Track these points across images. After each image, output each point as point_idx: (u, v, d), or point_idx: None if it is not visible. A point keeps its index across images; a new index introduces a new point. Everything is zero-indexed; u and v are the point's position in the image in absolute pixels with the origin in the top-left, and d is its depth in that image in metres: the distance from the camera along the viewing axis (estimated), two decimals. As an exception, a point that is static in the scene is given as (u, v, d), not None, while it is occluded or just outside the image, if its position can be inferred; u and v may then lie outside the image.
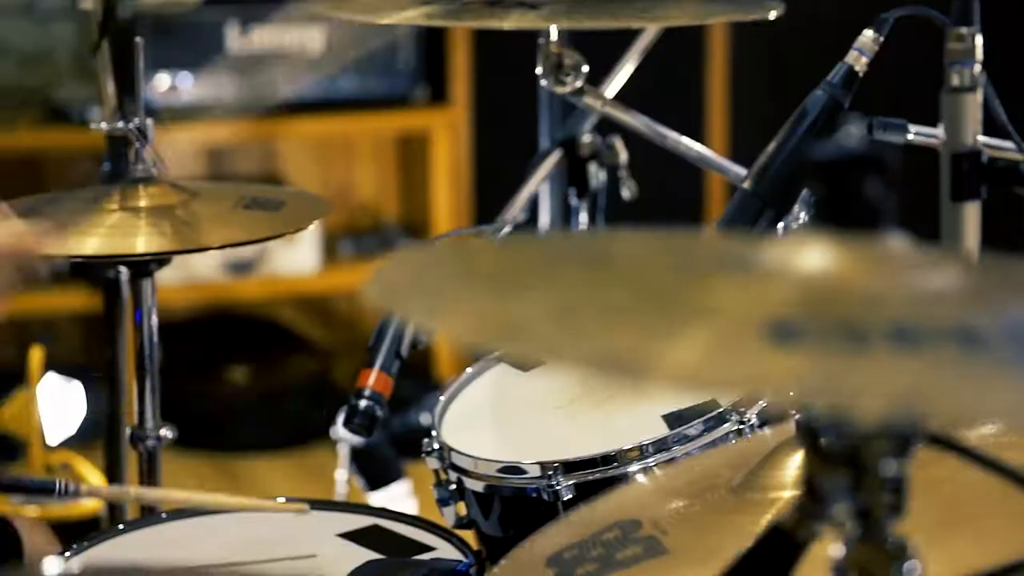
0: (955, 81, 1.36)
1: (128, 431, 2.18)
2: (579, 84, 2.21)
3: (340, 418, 2.14)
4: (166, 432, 2.18)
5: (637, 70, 2.57)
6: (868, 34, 1.97)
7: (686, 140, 2.26)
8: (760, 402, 1.85)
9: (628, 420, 1.94)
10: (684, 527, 1.36)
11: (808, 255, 1.06)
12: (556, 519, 1.77)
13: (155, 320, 2.17)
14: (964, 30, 1.36)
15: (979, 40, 1.36)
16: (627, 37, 2.64)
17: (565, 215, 2.61)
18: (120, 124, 2.17)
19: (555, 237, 1.95)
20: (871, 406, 0.91)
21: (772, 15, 2.13)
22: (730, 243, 1.21)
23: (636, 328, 0.97)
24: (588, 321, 0.97)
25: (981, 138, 1.96)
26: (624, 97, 2.43)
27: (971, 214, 1.34)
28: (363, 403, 2.07)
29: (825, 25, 4.82)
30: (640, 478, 1.80)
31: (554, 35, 2.21)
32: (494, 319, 0.96)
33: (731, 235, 1.87)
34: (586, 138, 2.48)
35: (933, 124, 1.71)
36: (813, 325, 0.96)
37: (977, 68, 1.37)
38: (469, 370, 2.12)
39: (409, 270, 1.04)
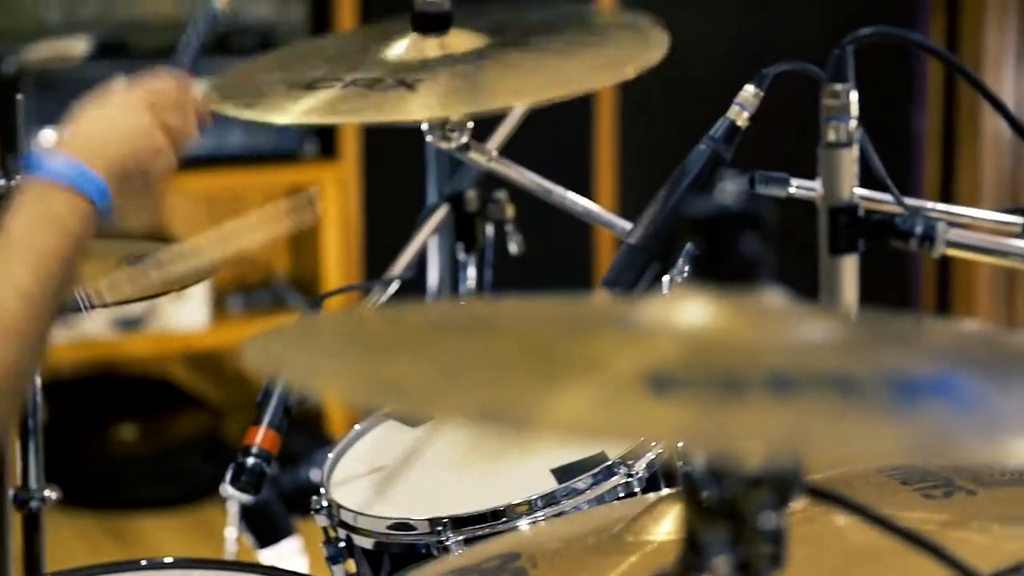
0: (831, 136, 1.38)
1: (12, 492, 2.15)
2: (464, 140, 2.22)
3: (228, 475, 2.13)
4: (50, 493, 2.15)
5: (526, 125, 2.59)
6: (749, 89, 2.00)
7: (572, 195, 2.27)
8: (648, 455, 1.86)
9: (517, 474, 1.94)
10: (554, 562, 1.39)
11: (687, 310, 1.07)
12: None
13: (37, 379, 2.15)
14: (839, 86, 1.39)
15: (854, 96, 1.38)
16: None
17: (453, 270, 2.62)
18: (2, 182, 2.15)
19: (441, 302, 1.96)
20: (748, 451, 0.92)
21: (656, 59, 2.14)
22: (614, 300, 1.22)
23: (519, 381, 0.98)
24: (472, 376, 0.98)
25: (859, 191, 2.00)
26: (513, 152, 2.45)
27: (849, 267, 1.36)
28: (250, 461, 2.06)
29: (712, 79, 4.89)
30: (541, 524, 1.82)
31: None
32: (374, 377, 0.96)
33: (616, 291, 1.89)
34: (472, 193, 2.49)
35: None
36: (691, 376, 0.97)
37: (853, 123, 1.39)
38: (358, 427, 2.12)
39: (290, 334, 1.05)
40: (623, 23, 2.44)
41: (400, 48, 2.13)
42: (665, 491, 1.64)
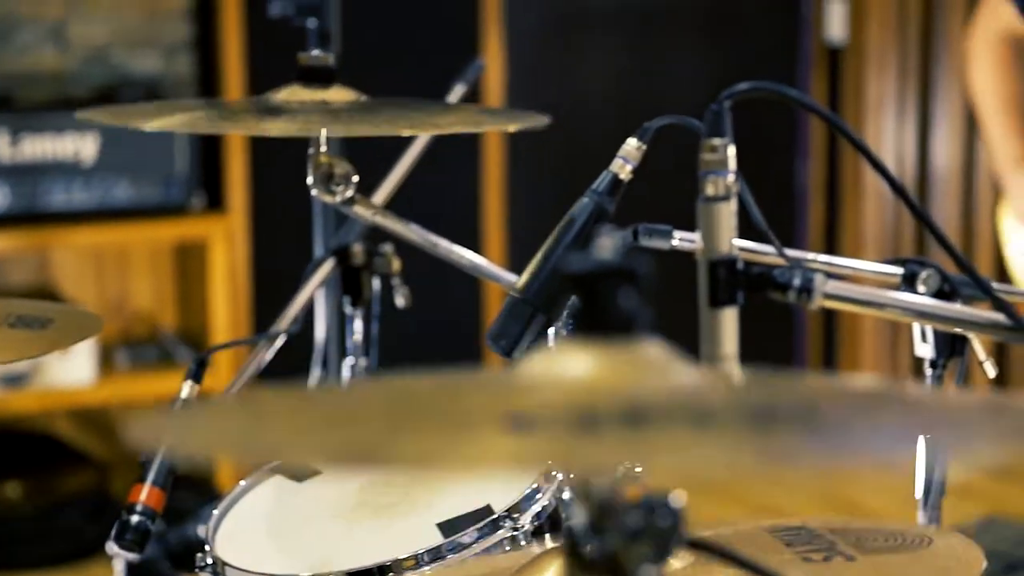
0: (709, 190, 1.40)
1: None
2: (349, 193, 2.22)
3: (113, 533, 2.11)
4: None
5: (416, 179, 2.59)
6: (632, 142, 2.02)
7: (458, 248, 2.28)
8: (534, 508, 1.87)
9: (403, 529, 1.94)
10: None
11: (563, 362, 1.08)
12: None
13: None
14: (717, 141, 1.40)
15: (731, 150, 1.40)
16: (401, 145, 2.67)
17: (341, 324, 2.61)
18: None
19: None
20: (600, 480, 0.94)
21: (540, 124, 2.17)
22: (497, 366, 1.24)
23: (381, 426, 1.00)
24: (340, 422, 1.00)
25: (741, 243, 2.02)
26: (403, 206, 2.46)
27: (728, 320, 1.37)
28: (134, 519, 2.04)
29: (600, 131, 4.93)
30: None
31: (323, 145, 2.22)
32: (246, 436, 0.97)
33: (501, 344, 1.90)
34: (358, 247, 2.49)
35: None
36: (552, 416, 0.99)
37: (731, 177, 1.41)
38: (243, 482, 2.10)
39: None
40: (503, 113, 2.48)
41: (281, 95, 2.17)
42: (550, 543, 1.64)
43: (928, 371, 2.00)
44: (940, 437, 0.93)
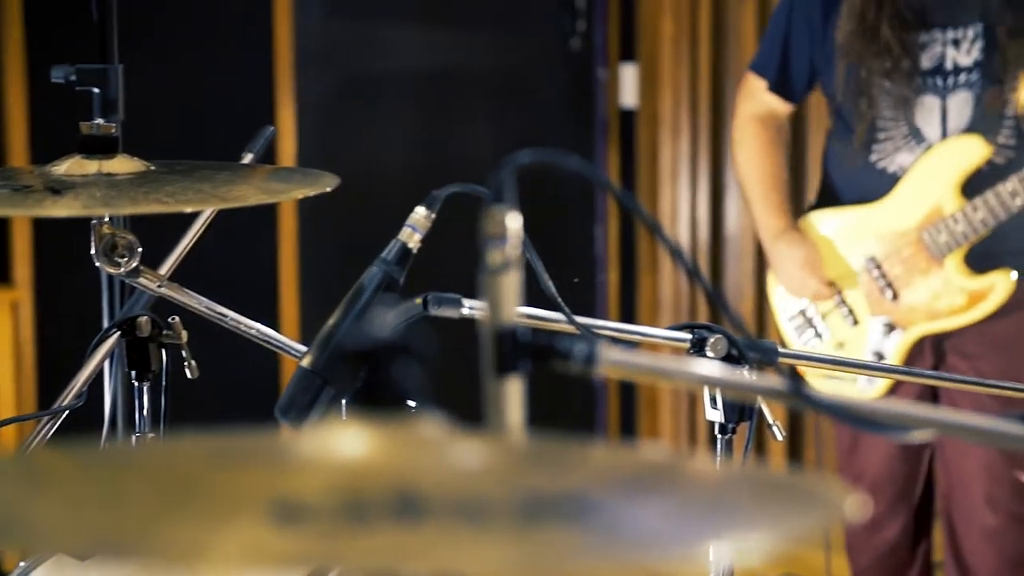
0: (492, 259, 1.38)
1: None
2: (134, 265, 2.17)
3: None
4: None
5: (210, 247, 2.55)
6: (420, 211, 2.01)
7: (247, 320, 2.24)
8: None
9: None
10: None
11: (340, 440, 1.06)
12: None
13: None
14: (500, 209, 1.39)
15: (515, 218, 1.38)
16: (188, 214, 2.62)
17: (129, 398, 2.55)
18: None
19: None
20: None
21: (328, 188, 2.15)
22: (273, 433, 1.20)
23: (138, 514, 0.97)
24: (95, 511, 0.97)
25: (532, 311, 2.02)
26: (197, 275, 2.41)
27: (513, 389, 1.35)
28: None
29: (395, 199, 4.91)
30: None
31: (106, 216, 2.17)
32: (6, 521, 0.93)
33: (289, 417, 1.87)
34: (145, 319, 2.43)
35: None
36: (321, 505, 0.96)
37: (515, 246, 1.40)
38: (23, 563, 2.04)
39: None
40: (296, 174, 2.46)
41: (63, 166, 2.12)
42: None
43: (719, 436, 2.01)
44: (713, 527, 0.92)
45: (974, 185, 3.34)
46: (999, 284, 3.37)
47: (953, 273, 3.38)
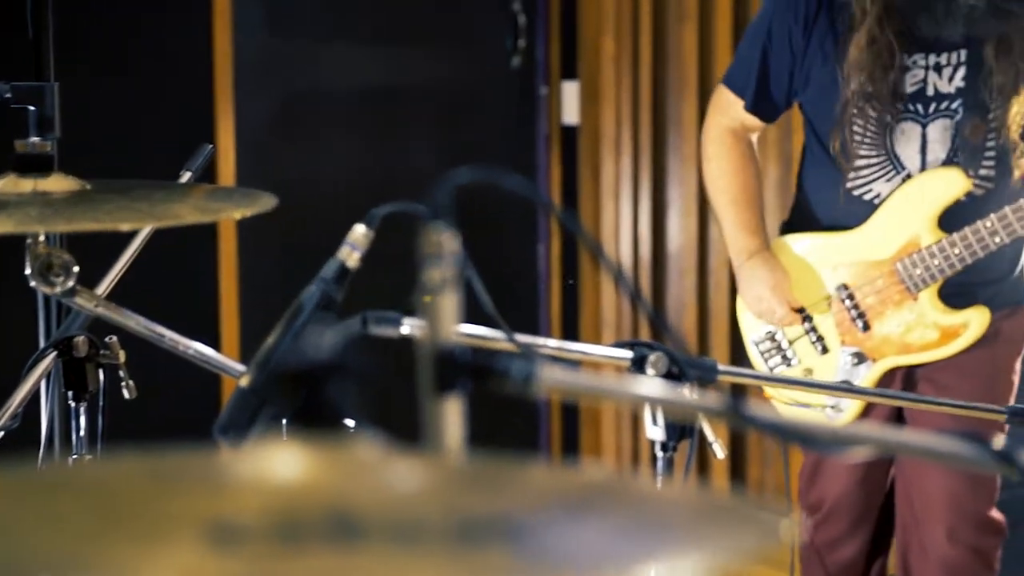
0: (431, 277, 1.37)
1: None
2: (70, 284, 2.15)
3: None
4: None
5: (150, 271, 2.53)
6: (359, 229, 2.00)
7: (184, 339, 2.22)
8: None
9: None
10: None
11: (277, 460, 1.05)
12: None
13: None
14: (438, 227, 1.38)
15: (452, 237, 1.38)
16: (126, 233, 2.60)
17: (65, 418, 2.53)
18: None
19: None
20: None
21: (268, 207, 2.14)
22: (210, 454, 1.19)
23: (78, 534, 0.96)
24: (34, 533, 0.95)
25: (473, 330, 2.01)
26: (134, 296, 2.39)
27: (452, 408, 1.34)
28: None
29: (337, 217, 4.90)
30: None
31: (42, 235, 2.15)
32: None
33: (228, 436, 1.85)
34: (82, 339, 2.41)
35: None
36: (258, 527, 0.95)
37: (453, 264, 1.39)
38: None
39: None
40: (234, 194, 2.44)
41: (-1, 184, 2.11)
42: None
43: (659, 454, 2.01)
44: (650, 548, 0.91)
45: (951, 215, 3.28)
46: (974, 321, 3.33)
47: (927, 307, 3.34)
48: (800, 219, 3.48)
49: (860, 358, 3.40)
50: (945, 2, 3.17)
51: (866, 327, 3.38)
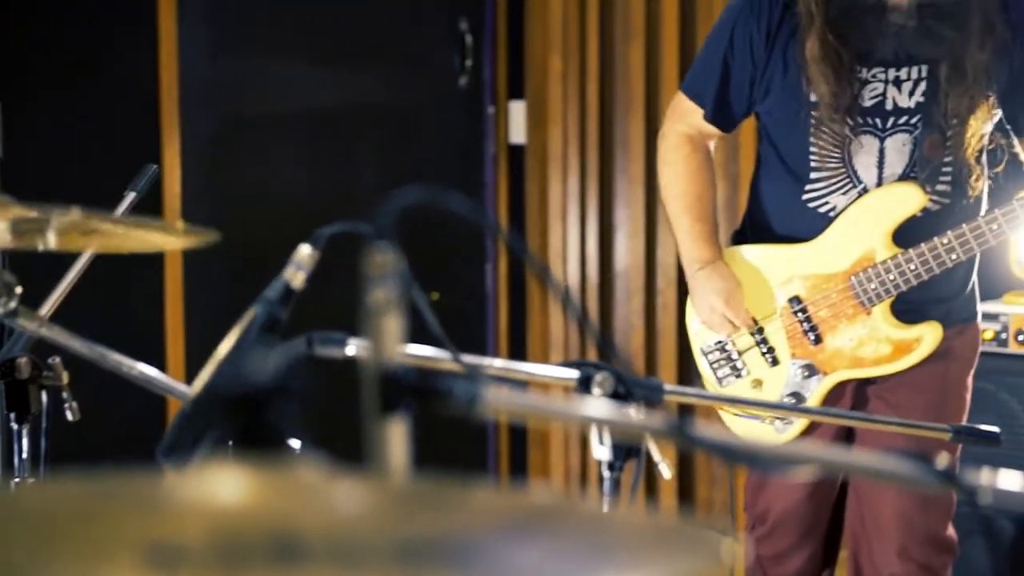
0: (375, 298, 1.36)
1: None
2: (13, 305, 2.13)
3: None
4: None
5: (95, 289, 2.51)
6: (304, 249, 1.99)
7: (129, 360, 2.21)
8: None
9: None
10: None
11: (220, 482, 1.04)
12: None
13: None
14: (382, 248, 1.38)
15: (396, 257, 1.37)
16: (71, 257, 2.59)
17: (7, 440, 2.51)
18: None
19: None
20: None
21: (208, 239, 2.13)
22: (151, 476, 1.18)
23: (19, 556, 0.95)
24: None
25: (420, 350, 2.00)
26: (79, 317, 2.38)
27: (395, 430, 1.34)
28: None
29: (283, 236, 4.88)
30: None
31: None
32: None
33: (172, 458, 1.83)
34: (24, 360, 2.39)
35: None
36: (199, 549, 0.94)
37: (397, 284, 1.38)
38: None
39: None
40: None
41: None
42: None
43: (606, 474, 2.00)
44: (594, 570, 0.90)
45: (906, 230, 3.27)
46: (927, 336, 3.32)
47: (880, 321, 3.33)
48: (753, 229, 3.46)
49: (810, 370, 3.39)
50: (875, 20, 3.17)
51: (818, 340, 3.37)
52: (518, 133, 5.51)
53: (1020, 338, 4.34)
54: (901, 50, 3.20)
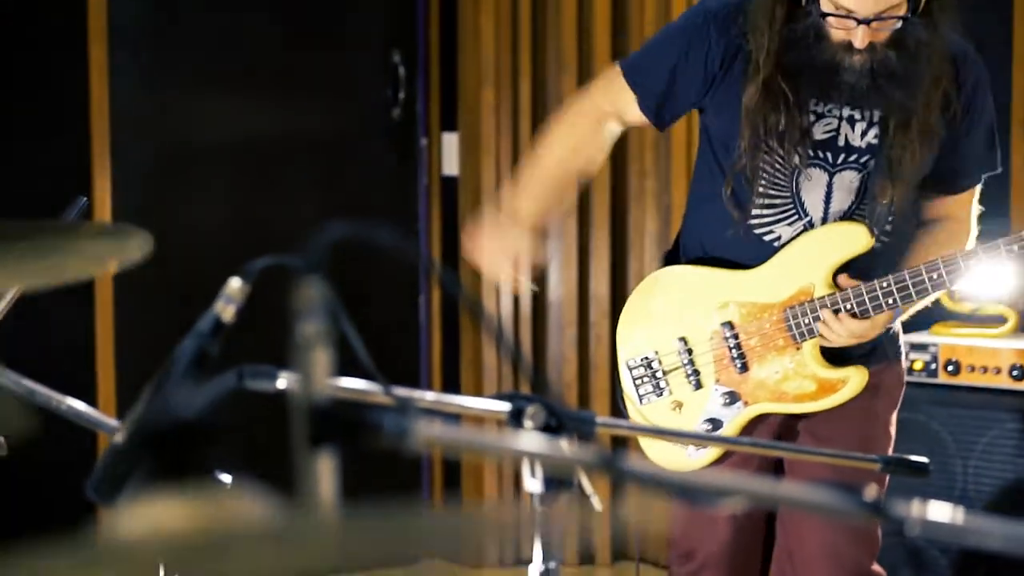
0: (303, 331, 1.36)
1: None
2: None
3: None
4: None
5: (23, 323, 2.50)
6: (235, 282, 1.98)
7: (57, 395, 2.19)
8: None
9: None
10: None
11: (149, 517, 1.04)
12: None
13: None
14: (311, 282, 1.38)
15: (328, 289, 1.37)
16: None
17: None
18: None
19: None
20: None
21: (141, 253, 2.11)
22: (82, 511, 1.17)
23: None
24: None
25: (349, 382, 1.99)
26: (6, 351, 2.36)
27: (324, 463, 1.33)
28: None
29: (214, 269, 4.86)
30: None
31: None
32: None
33: (100, 494, 1.82)
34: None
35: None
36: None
37: (325, 318, 1.38)
38: None
39: None
40: (106, 231, 2.40)
41: None
42: None
43: (537, 507, 1.99)
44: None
45: (845, 265, 3.26)
46: (853, 379, 3.30)
47: (808, 358, 3.32)
48: (688, 250, 3.43)
49: (732, 398, 3.37)
50: (828, 75, 3.17)
51: (744, 368, 3.35)
52: (451, 165, 5.51)
53: (949, 368, 4.37)
54: (854, 101, 3.21)
